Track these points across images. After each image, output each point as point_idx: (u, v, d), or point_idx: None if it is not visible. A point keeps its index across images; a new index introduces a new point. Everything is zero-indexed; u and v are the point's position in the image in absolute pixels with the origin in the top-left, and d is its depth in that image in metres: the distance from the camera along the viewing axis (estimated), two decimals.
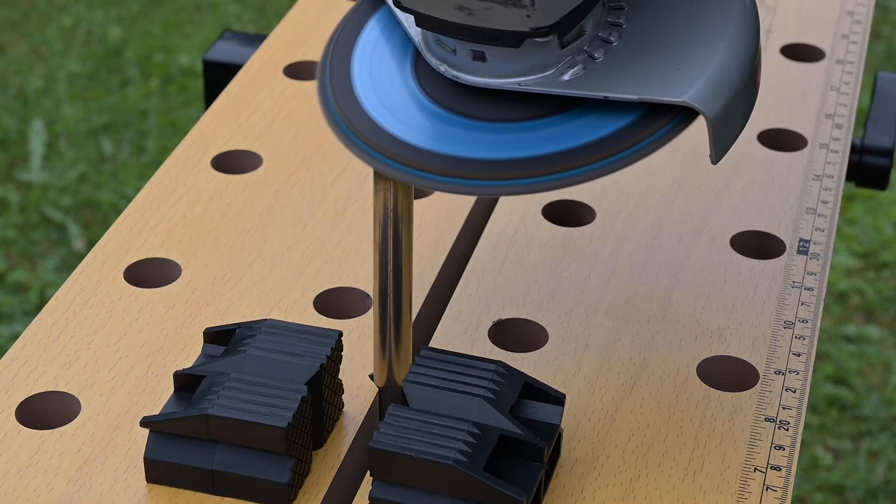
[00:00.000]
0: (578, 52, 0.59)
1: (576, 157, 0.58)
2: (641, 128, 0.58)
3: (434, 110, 0.60)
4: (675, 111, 0.57)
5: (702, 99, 0.56)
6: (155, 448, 0.63)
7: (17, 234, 1.82)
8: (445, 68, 0.60)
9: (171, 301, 0.74)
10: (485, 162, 0.58)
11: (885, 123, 1.05)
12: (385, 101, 0.61)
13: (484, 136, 0.59)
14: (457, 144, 0.59)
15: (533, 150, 0.58)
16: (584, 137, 0.58)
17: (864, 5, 1.01)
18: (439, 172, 0.59)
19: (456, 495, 0.60)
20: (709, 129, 0.57)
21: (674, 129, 0.57)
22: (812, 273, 0.76)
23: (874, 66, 2.14)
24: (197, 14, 2.27)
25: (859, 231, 1.86)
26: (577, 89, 0.58)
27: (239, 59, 1.01)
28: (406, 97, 0.61)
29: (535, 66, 0.58)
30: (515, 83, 0.59)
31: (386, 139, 0.60)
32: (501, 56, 0.58)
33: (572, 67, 0.59)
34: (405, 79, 0.62)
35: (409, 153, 0.59)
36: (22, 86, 2.08)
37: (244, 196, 0.81)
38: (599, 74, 0.58)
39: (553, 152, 0.58)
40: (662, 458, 0.65)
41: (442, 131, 0.59)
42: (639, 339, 0.72)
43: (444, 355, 0.64)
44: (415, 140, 0.59)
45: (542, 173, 0.58)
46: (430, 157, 0.59)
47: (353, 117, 0.61)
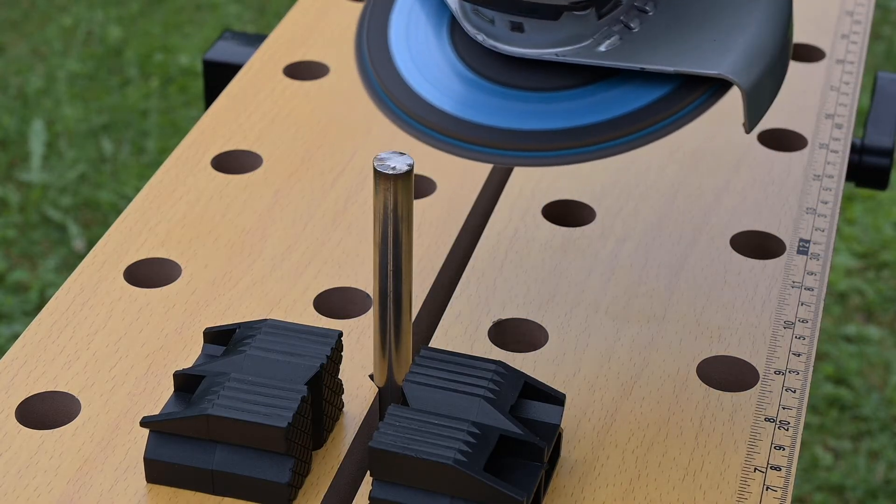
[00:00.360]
0: (615, 22, 0.59)
1: (612, 129, 0.58)
2: (677, 99, 0.58)
3: (471, 78, 0.60)
4: (711, 82, 0.58)
5: (737, 71, 0.57)
6: (155, 448, 0.63)
7: (17, 234, 1.82)
8: (483, 37, 0.60)
9: (171, 301, 0.74)
10: (522, 132, 0.58)
11: (885, 123, 1.05)
12: (422, 69, 0.61)
13: (520, 106, 0.59)
14: (493, 113, 0.59)
15: (570, 121, 0.58)
16: (621, 108, 0.58)
17: (864, 5, 1.01)
18: (475, 142, 0.59)
19: (456, 495, 0.60)
20: (743, 101, 0.57)
21: (709, 99, 0.58)
22: (812, 273, 0.76)
23: (874, 66, 2.14)
24: (197, 14, 2.27)
25: (859, 231, 1.86)
26: (613, 60, 0.58)
27: (239, 59, 1.01)
28: (443, 63, 0.61)
29: (573, 37, 0.59)
30: (553, 54, 0.59)
31: (424, 107, 0.60)
32: (539, 27, 0.58)
33: (609, 38, 0.59)
34: (441, 44, 0.62)
35: (445, 121, 0.59)
36: (22, 86, 2.08)
37: (244, 196, 0.81)
38: (635, 45, 0.59)
39: (590, 123, 0.58)
40: (662, 458, 0.65)
41: (478, 100, 0.60)
42: (639, 339, 0.72)
43: (443, 355, 0.64)
44: (452, 108, 0.60)
45: (579, 144, 0.58)
46: (467, 125, 0.59)
47: (391, 84, 0.61)
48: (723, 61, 0.57)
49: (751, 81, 0.57)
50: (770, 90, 0.59)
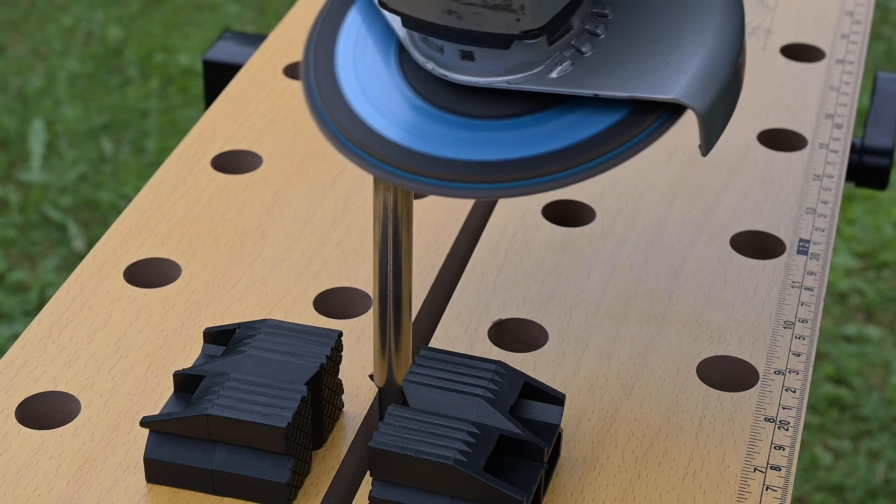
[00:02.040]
0: (567, 47, 0.58)
1: (567, 158, 0.57)
2: (632, 124, 0.57)
3: (420, 106, 0.60)
4: (665, 106, 0.57)
5: (692, 94, 0.56)
6: (155, 448, 0.63)
7: (17, 234, 1.82)
8: (433, 66, 0.59)
9: (171, 301, 0.74)
10: (473, 164, 0.58)
11: (884, 123, 1.05)
12: (370, 96, 0.60)
13: (472, 135, 0.58)
14: (444, 144, 0.58)
15: (522, 151, 0.57)
16: (575, 136, 0.57)
17: (864, 5, 1.01)
18: (427, 175, 0.58)
19: (456, 495, 0.60)
20: (699, 124, 0.56)
21: (664, 123, 0.57)
22: (812, 273, 0.76)
23: (874, 66, 2.14)
24: (197, 14, 2.27)
25: (859, 231, 1.86)
26: (566, 87, 0.57)
27: (239, 59, 1.01)
28: (392, 91, 0.60)
29: (524, 64, 0.58)
30: (504, 81, 0.58)
31: (373, 138, 0.59)
32: (490, 55, 0.58)
33: (560, 64, 0.58)
34: (390, 71, 0.61)
35: (395, 153, 0.59)
36: (22, 86, 2.08)
37: (244, 196, 0.81)
38: (588, 70, 0.58)
39: (543, 153, 0.57)
40: (662, 458, 0.65)
41: (429, 129, 0.59)
42: (639, 339, 0.72)
43: (443, 355, 0.64)
44: (401, 139, 0.59)
45: (533, 175, 0.57)
46: (418, 157, 0.58)
47: (339, 114, 0.60)
48: (676, 85, 0.56)
49: (706, 105, 0.56)
50: (725, 112, 0.58)
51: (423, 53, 0.59)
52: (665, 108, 0.57)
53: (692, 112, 0.56)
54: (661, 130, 0.57)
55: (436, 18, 0.56)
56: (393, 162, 0.58)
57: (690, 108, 0.56)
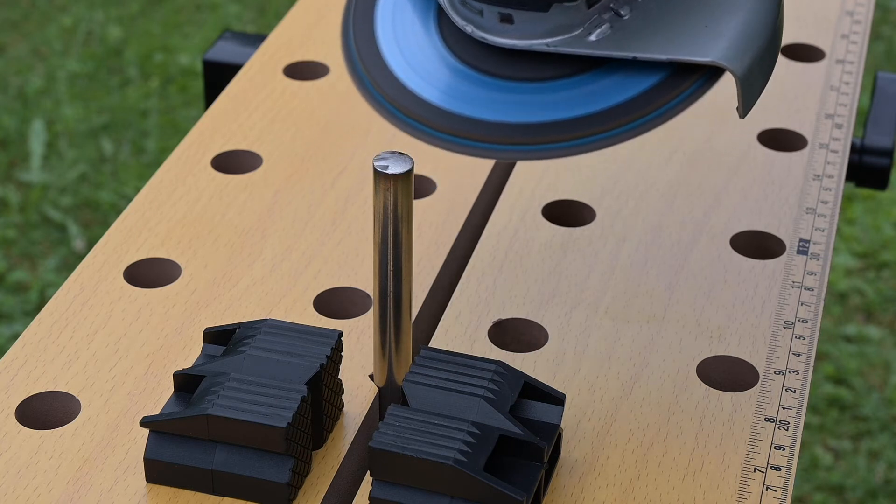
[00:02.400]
0: (605, 9, 0.59)
1: (606, 120, 0.57)
2: (670, 87, 0.58)
3: (459, 68, 0.60)
4: (704, 69, 0.57)
5: (730, 57, 0.56)
6: (155, 448, 0.63)
7: (17, 234, 1.82)
8: (472, 29, 0.59)
9: (171, 301, 0.74)
10: (513, 126, 0.58)
11: (884, 123, 1.05)
12: (410, 59, 0.60)
13: (510, 97, 0.59)
14: (482, 106, 0.59)
15: (562, 113, 0.58)
16: (614, 98, 0.58)
17: (864, 5, 1.01)
18: (467, 136, 0.58)
19: (456, 495, 0.60)
20: (737, 87, 0.57)
21: (703, 86, 0.58)
22: (812, 273, 0.76)
23: (874, 66, 2.14)
24: (197, 14, 2.27)
25: (859, 231, 1.86)
26: (605, 49, 0.58)
27: (239, 59, 1.01)
28: (431, 54, 0.60)
29: (563, 27, 0.58)
30: (543, 44, 0.58)
31: (410, 99, 0.59)
32: (529, 17, 0.58)
33: (599, 27, 0.58)
34: (429, 34, 0.61)
35: (432, 114, 0.59)
36: (22, 86, 2.08)
37: (244, 196, 0.81)
38: (626, 33, 0.58)
39: (582, 115, 0.58)
40: (662, 458, 0.65)
41: (468, 91, 0.59)
42: (639, 339, 0.72)
43: (443, 355, 0.64)
44: (440, 101, 0.59)
45: (573, 137, 0.57)
46: (455, 118, 0.59)
47: (377, 74, 0.60)
48: (715, 48, 0.57)
49: (744, 67, 0.57)
50: (762, 75, 0.59)
51: (463, 16, 0.60)
52: (703, 71, 0.57)
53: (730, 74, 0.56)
54: (699, 93, 0.58)
55: None
56: (432, 124, 0.59)
57: (729, 70, 0.56)
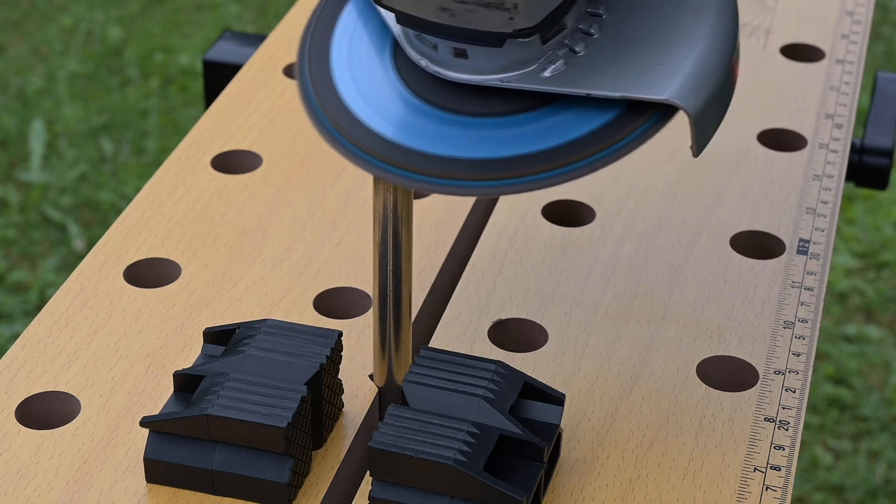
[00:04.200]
0: (560, 46, 0.59)
1: (559, 156, 0.57)
2: (624, 124, 0.57)
3: (415, 103, 0.60)
4: (657, 106, 0.57)
5: (683, 95, 0.56)
6: (155, 448, 0.63)
7: (17, 234, 1.82)
8: (426, 63, 0.59)
9: (171, 301, 0.74)
10: (468, 161, 0.58)
11: (884, 123, 1.05)
12: (365, 93, 0.60)
13: (466, 132, 0.59)
14: (439, 141, 0.58)
15: (516, 149, 0.58)
16: (567, 135, 0.58)
17: (864, 5, 1.01)
18: (423, 172, 0.58)
19: (455, 495, 0.60)
20: (690, 125, 0.57)
21: (656, 123, 0.57)
22: (812, 273, 0.76)
23: (874, 66, 2.14)
24: (197, 14, 2.27)
25: (859, 231, 1.86)
26: (558, 86, 0.58)
27: (239, 59, 1.01)
28: (387, 89, 0.61)
29: (517, 63, 0.58)
30: (497, 80, 0.58)
31: (368, 135, 0.59)
32: (483, 52, 0.58)
33: (554, 63, 0.58)
34: (385, 68, 0.61)
35: (391, 150, 0.59)
36: (22, 86, 2.08)
37: (244, 196, 0.81)
38: (581, 69, 0.58)
39: (536, 151, 0.58)
40: (662, 458, 0.65)
41: (424, 126, 0.59)
42: (639, 339, 0.72)
43: (443, 355, 0.64)
44: (396, 136, 0.59)
45: (525, 173, 0.57)
46: (413, 154, 0.58)
47: (334, 111, 0.60)
48: (669, 86, 0.56)
49: (697, 106, 0.56)
50: (717, 113, 0.58)
51: (418, 50, 0.60)
52: (657, 109, 0.57)
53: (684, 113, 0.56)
54: (652, 131, 0.57)
55: (430, 16, 0.56)
56: (388, 159, 0.58)
57: (682, 108, 0.56)
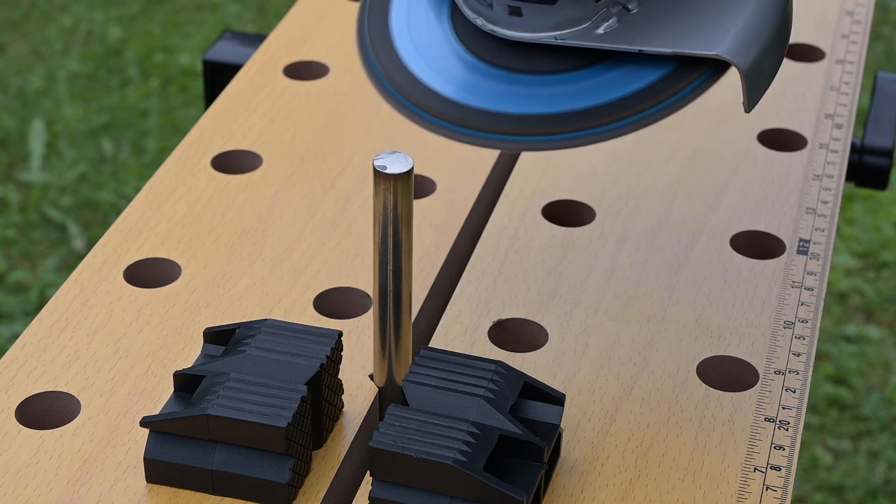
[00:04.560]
0: (613, 3, 0.59)
1: (612, 112, 0.58)
2: (676, 80, 0.58)
3: (471, 61, 0.61)
4: (709, 62, 0.58)
5: (734, 51, 0.57)
6: (155, 448, 0.63)
7: (17, 234, 1.82)
8: (482, 21, 0.60)
9: (171, 301, 0.74)
10: (522, 117, 0.59)
11: (884, 123, 1.05)
12: (423, 52, 0.62)
13: (520, 89, 0.60)
14: (493, 98, 0.60)
15: (570, 104, 0.59)
16: (620, 91, 0.59)
17: (864, 5, 1.01)
18: (476, 127, 0.59)
19: (455, 495, 0.60)
20: (742, 81, 0.57)
21: (709, 79, 0.58)
22: (812, 273, 0.76)
23: (874, 66, 2.14)
24: (197, 14, 2.27)
25: (859, 231, 1.86)
26: (611, 43, 0.58)
27: (239, 59, 1.01)
28: (443, 47, 0.62)
29: (571, 20, 0.59)
30: (551, 37, 0.59)
31: (423, 92, 0.60)
32: (537, 10, 0.59)
33: (607, 20, 0.59)
34: (443, 28, 0.62)
35: (446, 107, 0.60)
36: (22, 86, 2.08)
37: (244, 196, 0.81)
38: (633, 27, 0.59)
39: (589, 106, 0.58)
40: (662, 458, 0.65)
41: (479, 84, 0.60)
42: (639, 339, 0.72)
43: (443, 355, 0.64)
44: (453, 93, 0.60)
45: (580, 128, 0.58)
46: (468, 111, 0.59)
47: (390, 66, 0.61)
48: (720, 41, 0.57)
49: (749, 62, 0.57)
50: (769, 69, 0.59)
51: (473, 9, 0.61)
52: (709, 65, 0.58)
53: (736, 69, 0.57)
54: (704, 86, 0.58)
55: None
56: (444, 115, 0.60)
57: (733, 64, 0.57)
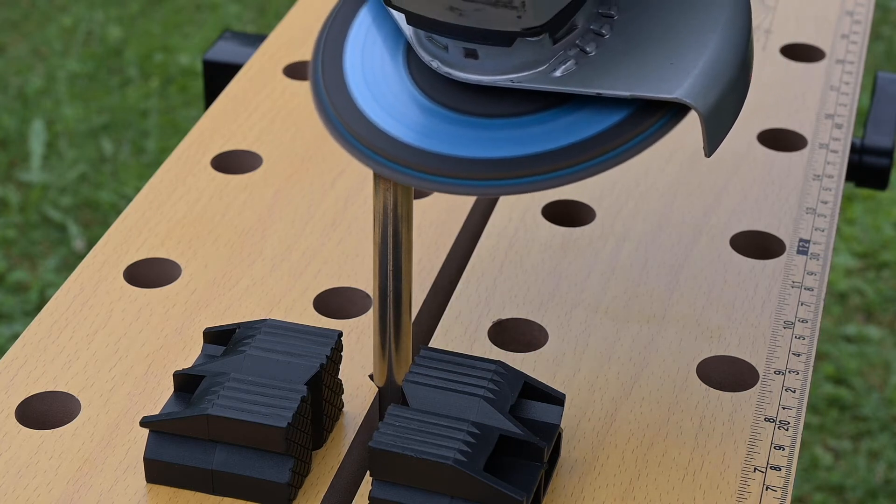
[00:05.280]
0: (570, 46, 0.58)
1: (569, 156, 0.57)
2: (635, 123, 0.57)
3: (427, 105, 0.60)
4: (669, 106, 0.57)
5: (694, 94, 0.56)
6: (155, 448, 0.63)
7: (17, 234, 1.82)
8: (437, 64, 0.60)
9: (171, 301, 0.74)
10: (478, 161, 0.58)
11: (885, 123, 1.05)
12: (378, 96, 0.61)
13: (477, 133, 0.59)
14: (450, 142, 0.59)
15: (526, 149, 0.58)
16: (578, 135, 0.58)
17: (864, 5, 1.01)
18: (433, 172, 0.58)
19: (455, 495, 0.60)
20: (702, 124, 0.56)
21: (667, 123, 0.57)
22: (812, 273, 0.76)
23: (874, 66, 2.14)
24: (197, 14, 2.27)
25: (859, 231, 1.86)
26: (569, 86, 0.58)
27: (239, 59, 1.01)
28: (399, 91, 0.61)
29: (528, 63, 0.58)
30: (507, 80, 0.58)
31: (380, 137, 0.59)
32: (493, 53, 0.58)
33: (564, 63, 0.58)
34: (398, 71, 0.61)
35: (402, 151, 0.59)
36: (22, 86, 2.08)
37: (244, 196, 0.81)
38: (591, 69, 0.58)
39: (546, 150, 0.58)
40: (662, 458, 0.65)
41: (435, 128, 0.59)
42: (639, 339, 0.72)
43: (443, 355, 0.64)
44: (408, 137, 0.59)
45: (535, 172, 0.57)
46: (424, 155, 0.59)
47: (346, 113, 0.60)
48: (679, 85, 0.56)
49: (709, 105, 0.56)
50: (730, 112, 0.58)
51: (429, 52, 0.60)
52: (668, 108, 0.57)
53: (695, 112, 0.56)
54: (663, 130, 0.57)
55: (439, 15, 0.56)
56: (399, 160, 0.59)
57: (693, 107, 0.56)
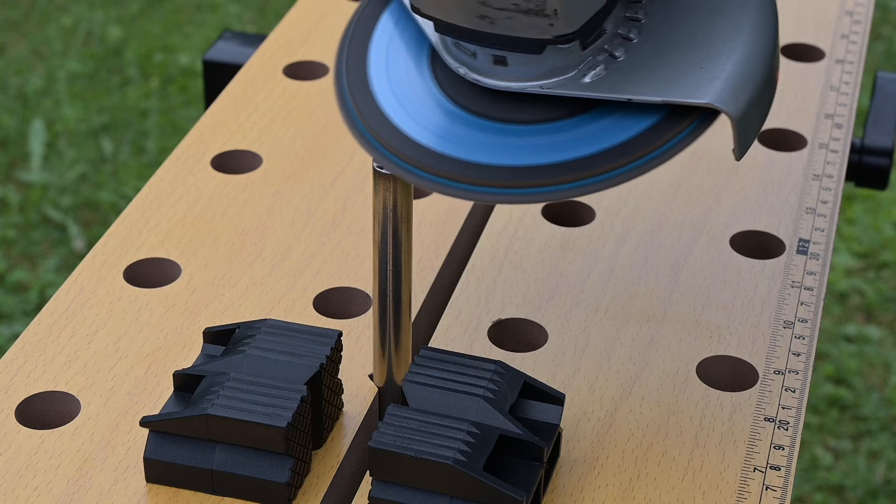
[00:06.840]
0: (599, 51, 0.58)
1: (599, 163, 0.57)
2: (665, 128, 0.57)
3: (454, 111, 0.59)
4: (699, 111, 0.57)
5: (725, 99, 0.56)
6: (155, 448, 0.63)
7: (17, 234, 1.82)
8: (465, 71, 0.59)
9: (171, 301, 0.74)
10: (505, 168, 0.57)
11: (884, 123, 1.05)
12: (401, 100, 0.60)
13: (504, 140, 0.58)
14: (475, 148, 0.58)
15: (556, 156, 0.57)
16: (608, 140, 0.57)
17: (864, 5, 1.01)
18: (458, 179, 0.58)
19: (455, 495, 0.60)
20: (733, 128, 0.56)
21: (697, 128, 0.57)
22: (812, 273, 0.76)
23: (874, 66, 2.14)
24: (197, 14, 2.27)
25: (859, 231, 1.86)
26: (599, 91, 0.57)
27: (239, 59, 1.01)
28: (423, 95, 0.60)
29: (557, 69, 0.58)
30: (537, 86, 0.58)
31: (403, 142, 0.59)
32: (522, 59, 0.57)
33: (594, 68, 0.58)
34: (423, 76, 0.61)
35: (426, 157, 0.58)
36: (22, 86, 2.08)
37: (244, 196, 0.81)
38: (621, 74, 0.58)
39: (575, 158, 0.57)
40: (662, 458, 0.65)
41: (461, 133, 0.58)
42: (639, 339, 0.72)
43: (443, 355, 0.64)
44: (432, 143, 0.59)
45: (566, 180, 0.57)
46: (448, 162, 0.58)
47: (369, 116, 0.60)
48: (710, 89, 0.56)
49: (739, 109, 0.56)
50: (759, 116, 0.58)
51: (456, 58, 0.59)
52: (698, 113, 0.57)
53: (725, 116, 0.56)
54: (694, 135, 0.57)
55: (468, 23, 0.56)
56: (425, 166, 0.58)
57: (724, 112, 0.56)
